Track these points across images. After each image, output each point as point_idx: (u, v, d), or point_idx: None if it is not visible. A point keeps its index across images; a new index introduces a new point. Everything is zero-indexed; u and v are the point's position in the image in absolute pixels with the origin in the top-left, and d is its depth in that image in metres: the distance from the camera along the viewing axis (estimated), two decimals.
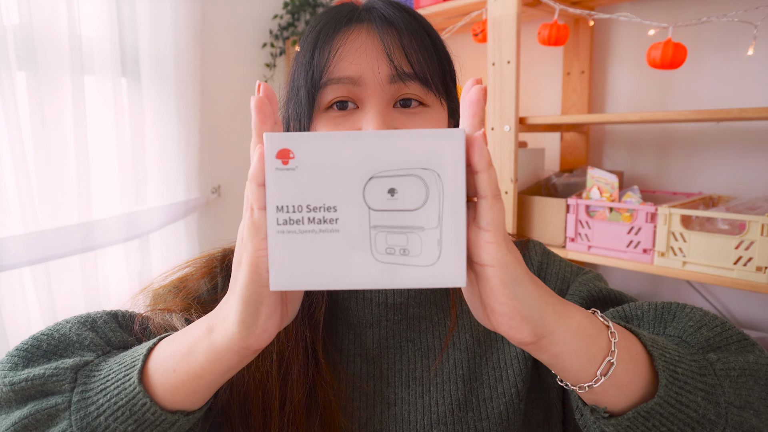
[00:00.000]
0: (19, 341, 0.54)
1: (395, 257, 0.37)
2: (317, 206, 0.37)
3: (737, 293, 1.43)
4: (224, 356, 0.42)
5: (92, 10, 1.48)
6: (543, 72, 1.76)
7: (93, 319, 0.54)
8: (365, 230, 0.37)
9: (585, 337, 0.41)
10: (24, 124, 1.31)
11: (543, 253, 0.70)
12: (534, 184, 1.58)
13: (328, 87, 0.56)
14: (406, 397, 0.60)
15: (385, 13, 0.58)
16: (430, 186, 0.36)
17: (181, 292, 0.62)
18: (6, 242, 1.28)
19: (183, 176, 1.75)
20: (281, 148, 0.36)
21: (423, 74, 0.57)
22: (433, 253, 0.37)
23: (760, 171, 1.37)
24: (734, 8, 1.27)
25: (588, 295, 0.62)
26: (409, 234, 0.37)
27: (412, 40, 0.57)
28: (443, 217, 0.37)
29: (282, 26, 2.15)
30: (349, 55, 0.56)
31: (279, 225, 0.37)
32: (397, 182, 0.36)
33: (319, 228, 0.37)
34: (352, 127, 0.56)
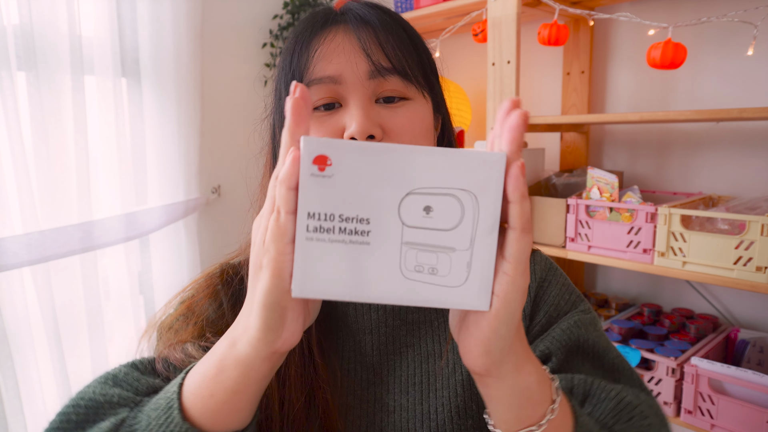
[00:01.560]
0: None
1: (423, 275, 0.37)
2: (350, 217, 0.36)
3: (737, 293, 1.43)
4: (254, 365, 0.41)
5: (92, 10, 1.48)
6: (543, 72, 1.76)
7: (113, 375, 0.53)
8: (397, 246, 0.36)
9: (526, 399, 0.42)
10: (24, 124, 1.31)
11: (548, 268, 0.68)
12: (534, 184, 1.58)
13: (311, 89, 0.56)
14: (405, 404, 0.60)
15: (360, 13, 0.59)
16: (466, 207, 0.36)
17: (191, 319, 0.61)
18: (6, 242, 1.28)
19: (183, 176, 1.75)
20: (319, 154, 0.35)
21: (402, 68, 0.57)
22: (461, 275, 0.37)
23: (760, 171, 1.37)
24: (734, 8, 1.27)
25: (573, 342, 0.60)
26: (439, 253, 0.37)
27: (389, 35, 0.58)
28: (476, 240, 0.36)
29: (282, 26, 2.15)
30: (328, 55, 0.56)
31: (308, 232, 0.36)
32: (433, 200, 0.36)
33: (350, 239, 0.36)
34: (335, 124, 0.56)
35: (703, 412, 1.20)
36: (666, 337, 1.37)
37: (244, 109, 2.10)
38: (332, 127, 0.56)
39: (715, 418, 1.18)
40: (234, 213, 2.05)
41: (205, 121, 1.87)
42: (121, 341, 1.65)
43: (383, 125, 0.56)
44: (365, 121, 0.54)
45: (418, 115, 0.58)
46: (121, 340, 1.66)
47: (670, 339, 1.36)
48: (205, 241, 1.92)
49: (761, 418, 1.10)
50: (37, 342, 1.37)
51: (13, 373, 1.32)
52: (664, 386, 1.26)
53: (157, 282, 1.75)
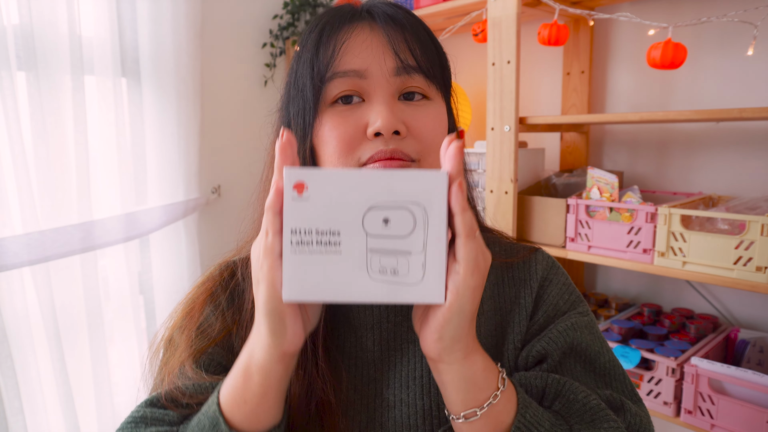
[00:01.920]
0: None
1: (386, 276, 0.44)
2: (324, 230, 0.43)
3: (737, 293, 1.43)
4: (272, 368, 0.48)
5: (92, 10, 1.48)
6: (543, 72, 1.76)
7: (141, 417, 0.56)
8: (363, 252, 0.44)
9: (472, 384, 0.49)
10: (24, 124, 1.31)
11: (549, 267, 0.69)
12: (534, 184, 1.58)
13: (334, 81, 0.57)
14: (406, 399, 0.60)
15: (387, 11, 0.59)
16: (417, 217, 0.43)
17: (186, 326, 0.64)
18: (6, 242, 1.28)
19: (183, 176, 1.75)
20: (297, 181, 0.43)
21: (427, 67, 0.58)
22: (418, 274, 0.44)
23: (760, 171, 1.37)
24: (734, 8, 1.27)
25: (568, 345, 0.62)
26: (399, 257, 0.44)
27: (415, 35, 0.59)
28: (428, 244, 0.43)
29: (282, 26, 2.15)
30: (354, 48, 0.57)
31: (292, 245, 0.43)
32: (390, 213, 0.43)
33: (325, 249, 0.43)
34: (359, 120, 0.57)
35: (703, 412, 1.20)
36: (666, 337, 1.37)
37: (244, 109, 2.10)
38: (355, 122, 0.57)
39: (715, 418, 1.18)
40: (234, 213, 2.05)
41: (205, 121, 1.87)
42: (121, 341, 1.65)
43: (407, 122, 0.57)
44: (391, 117, 0.55)
45: (438, 115, 0.60)
46: (121, 340, 1.66)
47: (670, 339, 1.36)
48: (205, 241, 1.92)
49: (761, 418, 1.10)
50: (37, 342, 1.37)
51: (13, 373, 1.32)
52: (664, 386, 1.26)
53: (157, 282, 1.75)
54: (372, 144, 0.56)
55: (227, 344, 0.63)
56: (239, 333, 0.63)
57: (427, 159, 0.58)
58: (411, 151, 0.56)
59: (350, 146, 0.56)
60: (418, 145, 0.57)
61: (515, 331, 0.65)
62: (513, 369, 0.64)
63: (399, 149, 0.55)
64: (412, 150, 0.57)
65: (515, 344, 0.64)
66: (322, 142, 0.58)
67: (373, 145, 0.56)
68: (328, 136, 0.57)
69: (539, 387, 0.58)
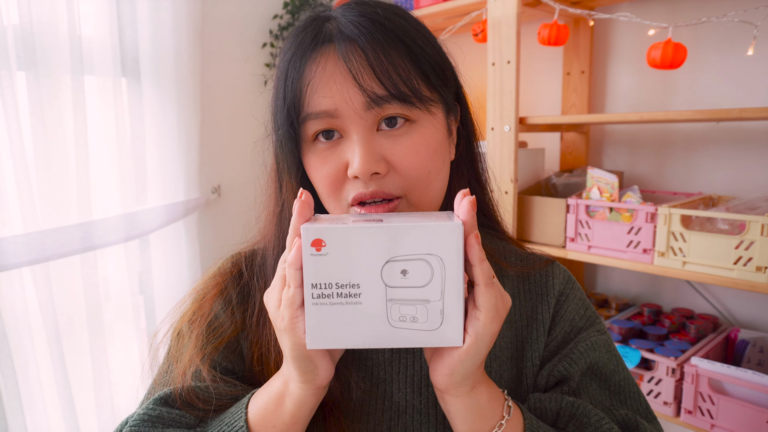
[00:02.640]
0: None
1: (406, 323, 0.46)
2: (344, 283, 0.45)
3: (737, 293, 1.43)
4: (306, 401, 0.51)
5: (92, 10, 1.48)
6: (543, 72, 1.76)
7: (157, 417, 0.56)
8: (382, 303, 0.46)
9: (477, 414, 0.50)
10: (24, 124, 1.31)
11: (566, 281, 0.67)
12: (534, 184, 1.58)
13: (308, 122, 0.55)
14: (419, 406, 0.59)
15: (347, 30, 0.54)
16: (434, 268, 0.45)
17: (196, 323, 0.63)
18: (6, 242, 1.28)
19: (183, 176, 1.75)
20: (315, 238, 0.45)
21: (398, 92, 0.53)
22: (436, 320, 0.46)
23: (760, 171, 1.37)
24: (734, 8, 1.27)
25: (587, 365, 0.62)
26: (417, 305, 0.46)
27: (380, 55, 0.53)
28: (445, 292, 0.45)
29: (282, 26, 2.14)
30: (321, 87, 0.54)
31: (314, 298, 0.45)
32: (408, 265, 0.45)
33: (346, 301, 0.46)
34: (338, 160, 0.55)
35: (703, 412, 1.20)
36: (666, 337, 1.37)
37: (244, 109, 2.10)
38: (336, 163, 0.55)
39: (715, 418, 1.18)
40: (234, 213, 2.05)
41: (205, 121, 1.87)
42: (121, 341, 1.65)
43: (388, 158, 0.54)
44: (366, 161, 0.52)
45: (423, 140, 0.55)
46: (121, 340, 1.66)
47: (670, 339, 1.36)
48: (205, 241, 1.92)
49: (761, 418, 1.10)
50: (37, 342, 1.37)
51: (13, 373, 1.32)
52: (664, 386, 1.26)
53: (157, 282, 1.75)
54: (353, 184, 0.55)
55: (234, 346, 0.63)
56: (247, 335, 0.63)
57: (414, 192, 0.56)
58: (394, 189, 0.55)
59: (335, 187, 0.56)
60: (402, 181, 0.55)
61: (533, 347, 0.64)
62: (532, 387, 0.63)
63: (380, 189, 0.54)
64: (395, 187, 0.55)
65: (533, 361, 0.64)
66: (312, 179, 0.58)
67: (354, 186, 0.55)
68: (315, 176, 0.58)
69: (554, 410, 0.58)
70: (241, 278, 0.65)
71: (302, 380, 0.49)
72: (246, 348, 0.63)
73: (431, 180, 0.56)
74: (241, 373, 0.63)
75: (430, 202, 0.58)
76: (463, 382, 0.48)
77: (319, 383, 0.50)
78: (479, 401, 0.50)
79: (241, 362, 0.63)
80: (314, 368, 0.48)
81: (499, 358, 0.63)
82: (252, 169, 0.71)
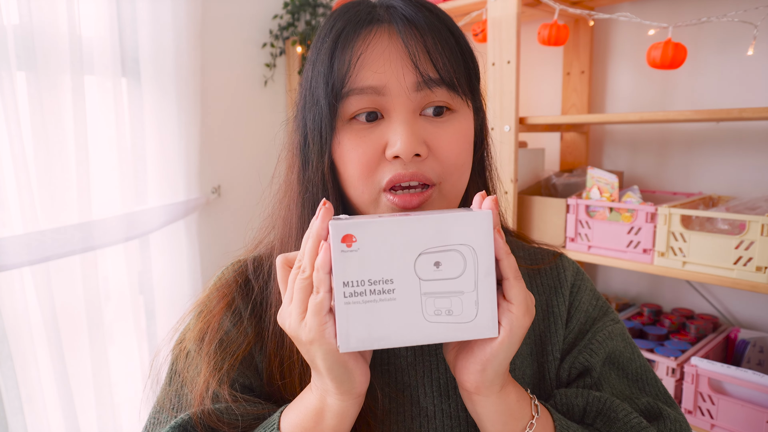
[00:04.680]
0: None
1: (442, 317, 0.45)
2: (377, 280, 0.44)
3: (737, 293, 1.43)
4: (348, 411, 0.49)
5: (92, 10, 1.48)
6: (543, 72, 1.76)
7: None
8: (417, 297, 0.44)
9: (508, 415, 0.49)
10: (24, 124, 1.31)
11: (576, 273, 0.68)
12: (534, 184, 1.58)
13: (351, 97, 0.53)
14: (447, 410, 0.58)
15: (406, 13, 0.54)
16: (467, 258, 0.44)
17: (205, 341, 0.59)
18: (6, 242, 1.28)
19: (183, 176, 1.75)
20: (345, 234, 0.43)
21: (450, 79, 0.54)
22: (472, 312, 0.45)
23: (760, 171, 1.37)
24: (734, 8, 1.27)
25: (608, 355, 0.63)
26: (452, 297, 0.45)
27: (437, 41, 0.53)
28: (478, 282, 0.45)
29: (282, 26, 2.14)
30: (372, 62, 0.52)
31: (345, 297, 0.44)
32: (441, 256, 0.44)
33: (379, 298, 0.44)
34: (378, 140, 0.54)
35: (703, 412, 1.20)
36: (666, 337, 1.37)
37: (244, 109, 2.10)
38: (374, 143, 0.54)
39: (715, 418, 1.18)
40: (234, 213, 2.05)
41: (205, 121, 1.87)
42: (121, 341, 1.65)
43: (428, 142, 0.54)
44: (411, 140, 0.51)
45: (462, 129, 0.56)
46: (121, 340, 1.66)
47: (670, 339, 1.36)
48: (205, 241, 1.92)
49: (761, 418, 1.10)
50: (37, 342, 1.37)
51: (13, 373, 1.32)
52: None
53: (157, 282, 1.75)
54: (391, 166, 0.53)
55: (249, 361, 0.60)
56: (262, 347, 0.60)
57: (449, 180, 0.55)
58: (432, 174, 0.54)
59: (370, 169, 0.54)
60: (440, 167, 0.54)
61: (553, 341, 0.64)
62: (555, 381, 0.63)
63: (419, 172, 0.53)
64: (433, 173, 0.54)
65: (554, 355, 0.63)
66: (342, 161, 0.55)
67: (392, 168, 0.53)
68: (348, 157, 0.54)
69: (580, 405, 0.58)
70: (249, 287, 0.62)
71: (340, 391, 0.47)
72: (262, 362, 0.60)
73: (463, 172, 0.57)
74: (258, 389, 0.60)
75: (457, 196, 0.58)
76: (495, 380, 0.47)
77: (359, 391, 0.48)
78: (509, 401, 0.49)
79: (258, 377, 0.60)
80: (350, 376, 0.46)
81: (520, 354, 0.62)
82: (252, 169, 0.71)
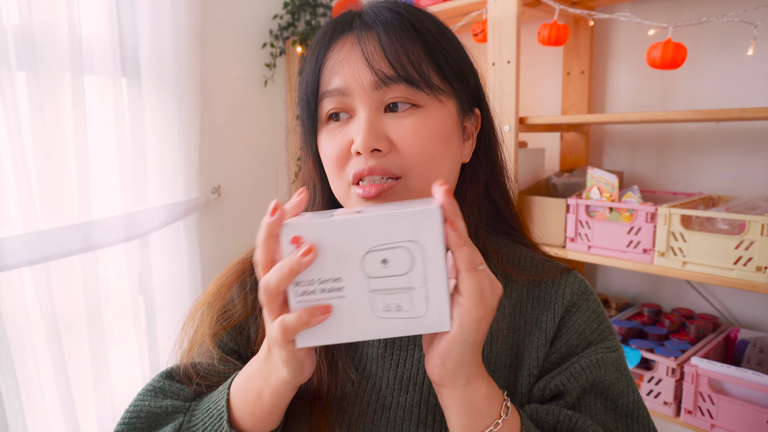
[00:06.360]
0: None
1: (392, 313, 0.45)
2: (326, 279, 0.45)
3: (737, 293, 1.43)
4: (285, 392, 0.53)
5: (92, 10, 1.48)
6: (543, 72, 1.76)
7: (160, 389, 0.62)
8: (366, 294, 0.45)
9: (473, 410, 0.49)
10: (24, 124, 1.31)
11: (580, 293, 0.65)
12: (534, 184, 1.58)
13: (324, 100, 0.59)
14: (403, 404, 0.59)
15: (368, 19, 0.59)
16: (415, 254, 0.44)
17: (214, 304, 0.68)
18: (6, 242, 1.28)
19: (183, 176, 1.75)
20: (294, 236, 0.44)
21: (406, 74, 0.56)
22: (421, 307, 0.45)
23: (760, 171, 1.37)
24: (734, 8, 1.27)
25: (590, 383, 0.59)
26: (401, 294, 0.45)
27: (393, 40, 0.56)
28: (427, 278, 0.44)
29: (282, 26, 2.14)
30: (335, 67, 0.58)
31: (297, 297, 0.45)
32: (388, 254, 0.44)
33: (330, 296, 0.45)
34: (344, 138, 0.58)
35: (703, 412, 1.20)
36: (666, 337, 1.37)
37: (244, 109, 2.10)
38: (343, 140, 0.58)
39: (715, 418, 1.18)
40: (234, 213, 2.05)
41: (205, 121, 1.87)
42: (121, 341, 1.65)
43: (390, 137, 0.56)
44: (367, 137, 0.55)
45: (427, 123, 0.57)
46: (121, 340, 1.66)
47: (670, 339, 1.36)
48: (205, 241, 1.92)
49: (761, 418, 1.10)
50: (37, 342, 1.37)
51: (13, 373, 1.32)
52: (664, 386, 1.26)
53: (157, 282, 1.75)
54: (355, 161, 0.57)
55: (243, 328, 0.67)
56: (256, 319, 0.66)
57: (416, 172, 0.57)
58: (393, 167, 0.56)
59: (340, 164, 0.59)
60: (402, 161, 0.56)
61: (533, 356, 0.61)
62: (527, 397, 0.60)
63: (378, 166, 0.56)
64: (395, 166, 0.56)
65: (531, 371, 0.61)
66: (323, 157, 0.62)
67: (356, 163, 0.57)
68: (324, 154, 0.61)
69: (550, 423, 0.56)
70: None
71: (288, 379, 0.51)
72: (254, 332, 0.66)
73: (433, 165, 0.57)
74: (245, 356, 0.66)
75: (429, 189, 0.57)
76: (456, 372, 0.48)
77: (304, 377, 0.52)
78: (475, 397, 0.49)
79: (246, 346, 0.66)
80: (302, 366, 0.50)
81: (494, 363, 0.61)
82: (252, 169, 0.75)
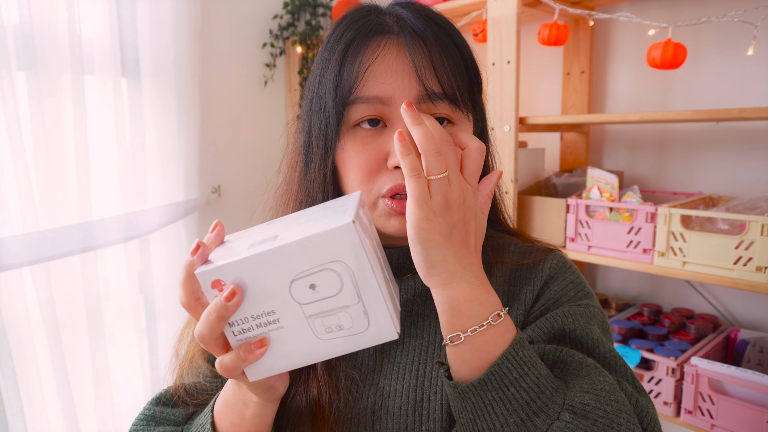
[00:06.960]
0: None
1: (334, 333, 0.45)
2: (259, 314, 0.44)
3: (737, 293, 1.43)
4: (266, 412, 0.55)
5: (92, 10, 1.48)
6: (543, 72, 1.76)
7: (152, 416, 0.62)
8: (303, 321, 0.44)
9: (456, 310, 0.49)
10: (24, 124, 1.31)
11: (558, 267, 0.66)
12: (534, 184, 1.58)
13: (357, 105, 0.56)
14: (400, 390, 0.60)
15: (415, 27, 0.57)
16: (341, 273, 0.43)
17: None
18: (6, 242, 1.28)
19: (183, 176, 1.75)
20: (213, 280, 0.43)
21: (452, 94, 0.57)
22: (362, 322, 0.44)
23: (760, 171, 1.37)
24: (734, 8, 1.27)
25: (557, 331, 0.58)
26: (339, 313, 0.44)
27: (443, 57, 0.56)
28: (361, 293, 0.43)
29: (282, 26, 2.14)
30: (379, 74, 0.56)
31: (235, 336, 0.45)
32: (313, 278, 0.43)
33: (268, 329, 0.45)
34: (380, 148, 0.57)
35: (703, 412, 1.20)
36: (666, 337, 1.37)
37: (244, 109, 2.10)
38: (376, 151, 0.57)
39: (715, 418, 1.18)
40: (234, 213, 2.05)
41: (205, 121, 1.87)
42: (121, 341, 1.65)
43: None
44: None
45: None
46: (121, 340, 1.66)
47: (670, 339, 1.36)
48: None
49: (761, 418, 1.10)
50: (37, 342, 1.37)
51: (13, 373, 1.32)
52: (664, 386, 1.26)
53: (157, 282, 1.75)
54: (392, 175, 0.56)
55: None
56: None
57: None
58: None
59: (370, 175, 0.57)
60: None
61: None
62: None
63: None
64: None
65: None
66: (344, 165, 0.59)
67: (393, 177, 0.56)
68: (350, 162, 0.58)
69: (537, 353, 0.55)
70: None
71: (261, 401, 0.53)
72: None
73: None
74: None
75: None
76: (430, 271, 0.49)
77: (278, 396, 0.53)
78: (457, 297, 0.49)
79: None
80: (270, 387, 0.51)
81: None
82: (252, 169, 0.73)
